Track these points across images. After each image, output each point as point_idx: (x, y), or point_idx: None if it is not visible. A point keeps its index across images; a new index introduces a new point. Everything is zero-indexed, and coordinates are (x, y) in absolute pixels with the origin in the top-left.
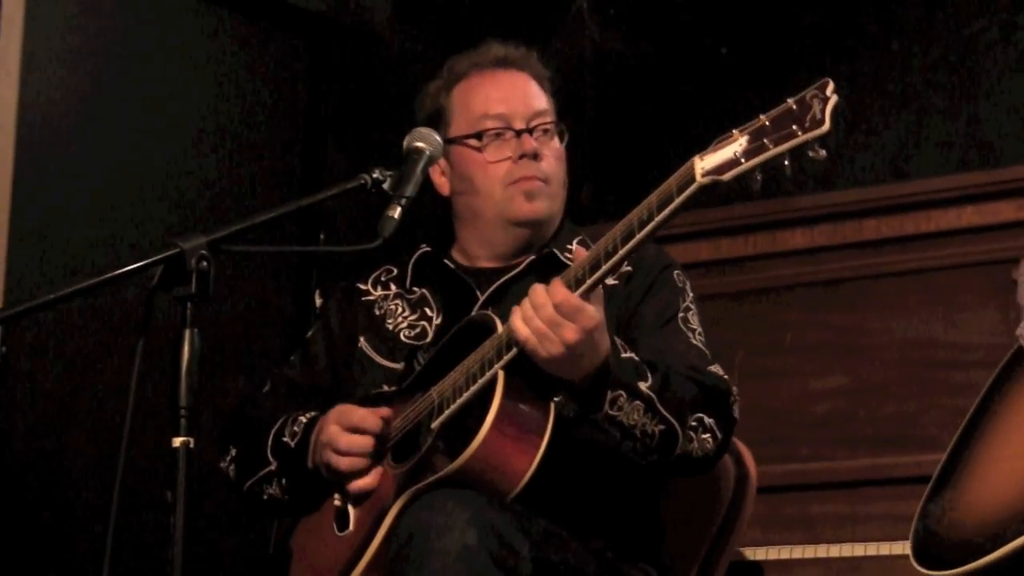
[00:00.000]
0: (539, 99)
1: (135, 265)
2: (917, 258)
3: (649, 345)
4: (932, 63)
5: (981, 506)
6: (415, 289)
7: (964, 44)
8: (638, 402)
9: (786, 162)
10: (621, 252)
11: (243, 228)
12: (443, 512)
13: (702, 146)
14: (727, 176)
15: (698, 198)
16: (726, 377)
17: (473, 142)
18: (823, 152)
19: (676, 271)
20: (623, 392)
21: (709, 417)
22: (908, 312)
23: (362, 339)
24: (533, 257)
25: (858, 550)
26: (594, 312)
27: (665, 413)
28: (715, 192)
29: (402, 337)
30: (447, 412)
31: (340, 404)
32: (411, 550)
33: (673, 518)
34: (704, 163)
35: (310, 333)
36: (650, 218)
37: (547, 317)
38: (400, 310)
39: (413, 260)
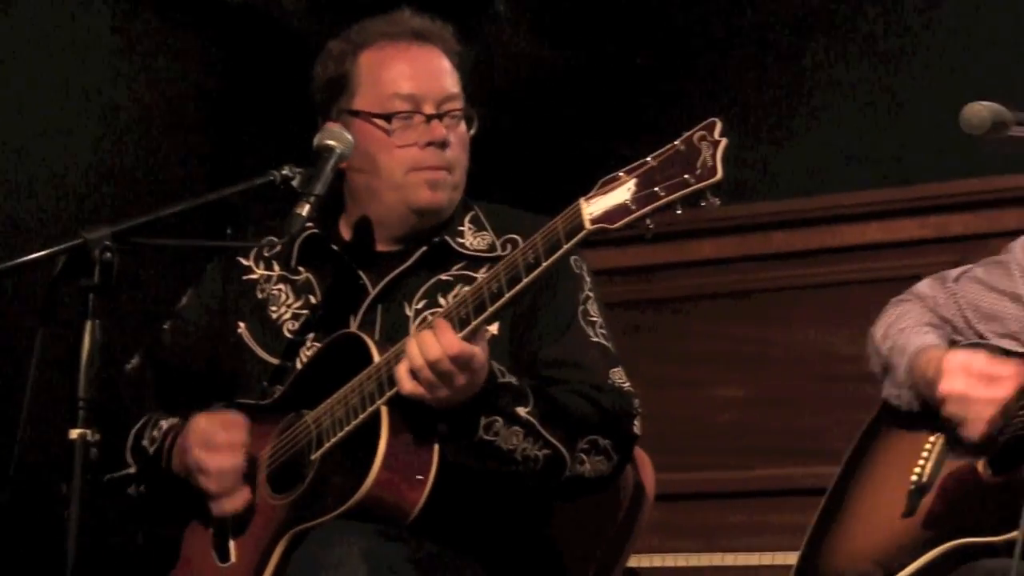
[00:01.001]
0: (451, 80)
1: (37, 255)
2: (822, 272)
3: (548, 356)
4: (844, 79)
5: (852, 555)
6: (300, 270)
7: (876, 62)
8: (516, 427)
9: (678, 210)
10: (507, 296)
11: (148, 220)
12: (334, 547)
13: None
14: (617, 224)
15: (587, 241)
16: (628, 386)
17: (382, 123)
18: (716, 201)
19: (574, 257)
20: (499, 418)
21: (605, 438)
22: (812, 325)
23: (243, 326)
24: (426, 248)
25: (754, 559)
26: (481, 353)
27: (549, 437)
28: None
29: (285, 331)
30: (327, 445)
31: (201, 417)
32: None
33: (568, 524)
34: (592, 208)
35: (184, 301)
36: (536, 263)
37: (443, 370)
38: (284, 297)
39: (300, 241)
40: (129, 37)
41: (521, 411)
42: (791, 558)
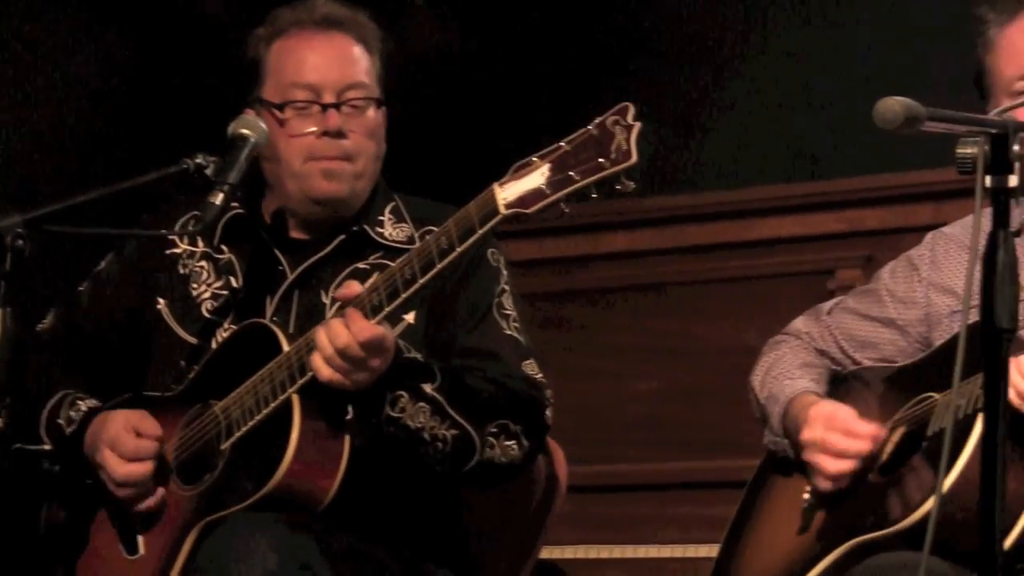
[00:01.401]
0: (357, 69)
1: None
2: (738, 266)
3: (462, 346)
4: (759, 73)
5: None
6: (224, 249)
7: (791, 55)
8: (423, 404)
9: (593, 194)
10: (420, 281)
11: (61, 208)
12: (243, 538)
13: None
14: (532, 209)
15: (506, 227)
16: (540, 377)
17: (276, 112)
18: (631, 184)
19: (491, 249)
20: (405, 393)
21: (515, 424)
22: (726, 319)
23: (162, 302)
24: (344, 236)
25: (666, 551)
26: (392, 337)
27: (457, 416)
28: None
29: (204, 311)
30: (237, 434)
31: (115, 419)
32: None
33: (480, 516)
34: (506, 193)
35: (103, 265)
36: (451, 248)
37: (353, 356)
38: (206, 275)
39: (224, 221)
40: (46, 28)
41: (427, 387)
42: (702, 551)
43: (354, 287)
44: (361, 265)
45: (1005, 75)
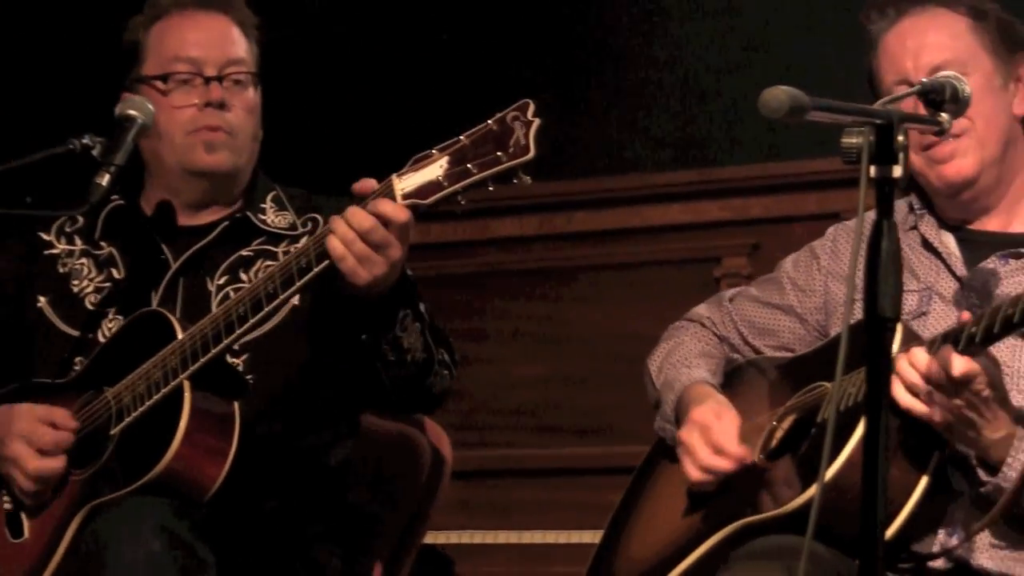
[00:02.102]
0: (237, 46)
1: None
2: (624, 252)
3: None
4: (648, 60)
5: (636, 563)
6: (103, 244)
7: (679, 43)
8: (418, 323)
9: (490, 187)
10: (316, 269)
11: None
12: (128, 521)
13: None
14: (429, 200)
15: None
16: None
17: (159, 84)
18: (527, 179)
19: None
20: (410, 311)
21: (448, 354)
22: (612, 305)
23: (43, 300)
24: (227, 223)
25: (551, 537)
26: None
27: (429, 339)
28: None
29: (87, 304)
30: (127, 420)
31: (24, 412)
32: (97, 561)
33: (365, 499)
34: (404, 184)
35: None
36: None
37: (377, 240)
38: (86, 271)
39: (104, 214)
40: None
41: (423, 305)
42: (585, 536)
43: (371, 182)
44: (245, 252)
45: (886, 81)
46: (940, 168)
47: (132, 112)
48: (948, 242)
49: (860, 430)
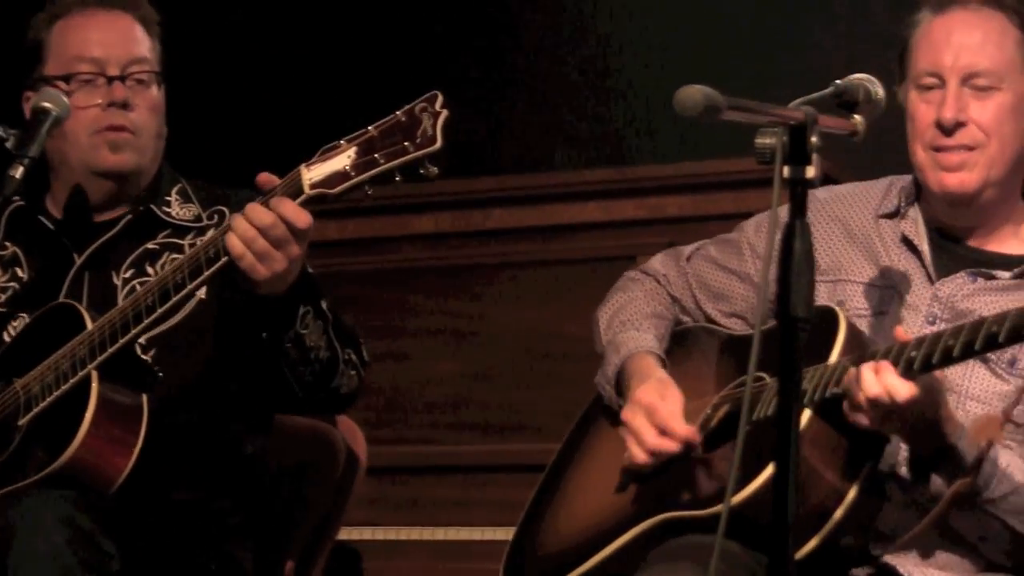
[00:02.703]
0: (140, 45)
1: None
2: (540, 250)
3: None
4: (566, 59)
5: (565, 535)
6: (7, 245)
7: (596, 42)
8: (320, 321)
9: (397, 177)
10: (224, 259)
11: None
12: (31, 513)
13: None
14: (337, 190)
15: (309, 207)
16: None
17: (62, 84)
18: (434, 169)
19: None
20: (311, 308)
21: (355, 354)
22: (528, 302)
23: None
24: (130, 217)
25: (465, 534)
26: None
27: (334, 339)
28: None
29: None
30: (35, 410)
31: None
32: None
33: (278, 495)
34: (312, 174)
35: None
36: None
37: (277, 237)
38: None
39: (6, 215)
40: None
41: (324, 303)
42: (500, 533)
43: (273, 176)
44: (150, 245)
45: (919, 65)
46: (944, 175)
47: (47, 104)
48: (925, 246)
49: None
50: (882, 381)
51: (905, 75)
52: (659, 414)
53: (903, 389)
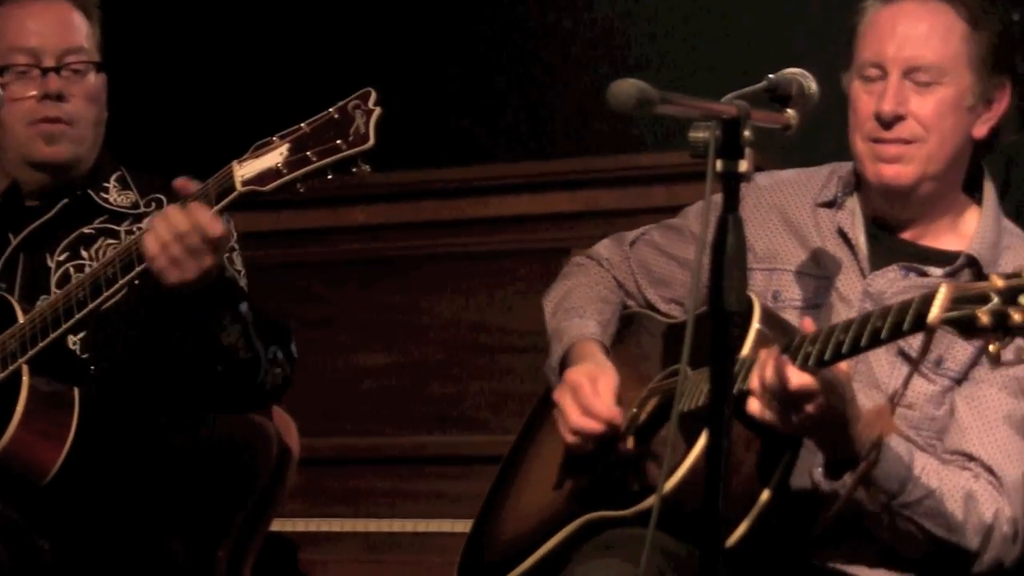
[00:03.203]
0: (77, 33)
1: None
2: (473, 242)
3: None
4: (499, 51)
5: (511, 532)
6: None
7: (530, 36)
8: (238, 324)
9: (329, 175)
10: None
11: None
12: None
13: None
14: (268, 187)
15: (241, 203)
16: None
17: None
18: (367, 168)
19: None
20: (228, 311)
21: (281, 350)
22: (461, 294)
23: None
24: (67, 200)
25: (396, 526)
26: (230, 234)
27: (255, 339)
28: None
29: None
30: None
31: None
32: None
33: (211, 486)
34: (244, 171)
35: None
36: None
37: (192, 245)
38: None
39: None
40: None
41: (243, 307)
42: (432, 525)
43: (188, 183)
44: (86, 230)
45: (863, 55)
46: (881, 166)
47: None
48: (861, 238)
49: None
50: (776, 370)
51: (850, 62)
52: (583, 393)
53: (793, 377)
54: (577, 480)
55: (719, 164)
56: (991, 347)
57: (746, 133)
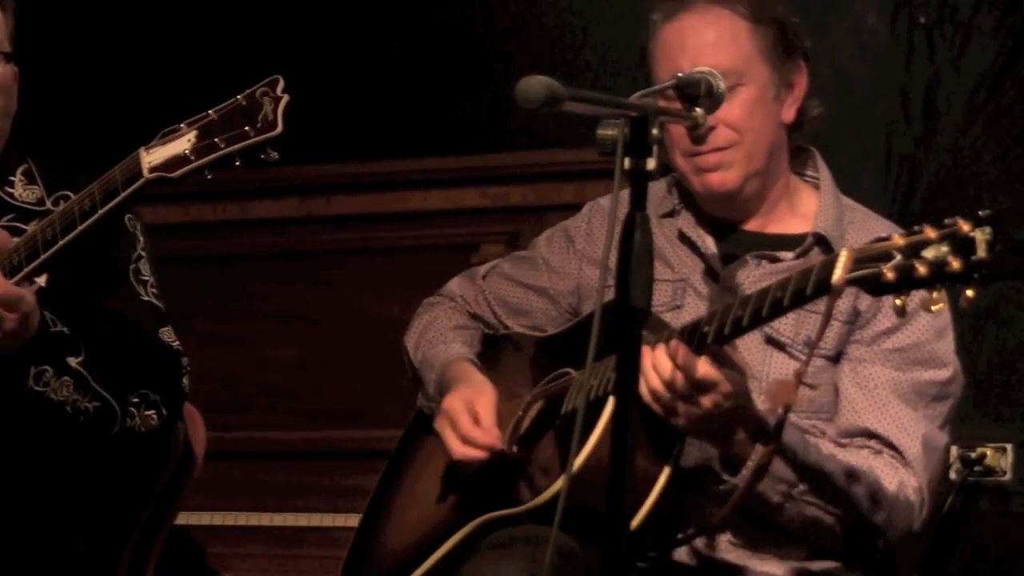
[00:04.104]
0: None
1: None
2: (383, 237)
3: (98, 312)
4: (411, 46)
5: (398, 541)
6: None
7: (442, 31)
8: (66, 378)
9: (237, 162)
10: (61, 243)
11: None
12: None
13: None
14: (176, 174)
15: (145, 191)
16: (177, 344)
17: None
18: (275, 154)
19: (128, 215)
20: (49, 367)
21: (155, 393)
22: (371, 289)
23: None
24: None
25: (302, 520)
26: (31, 298)
27: (100, 390)
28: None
29: None
30: None
31: None
32: None
33: (116, 482)
34: (151, 157)
35: None
36: (93, 210)
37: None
38: None
39: None
40: None
41: (72, 361)
42: (338, 520)
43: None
44: None
45: (660, 75)
46: (705, 176)
47: None
48: (705, 238)
49: (603, 423)
50: (679, 361)
51: (653, 82)
52: (462, 424)
53: (700, 368)
54: (465, 487)
55: (627, 162)
56: (897, 301)
57: (654, 131)
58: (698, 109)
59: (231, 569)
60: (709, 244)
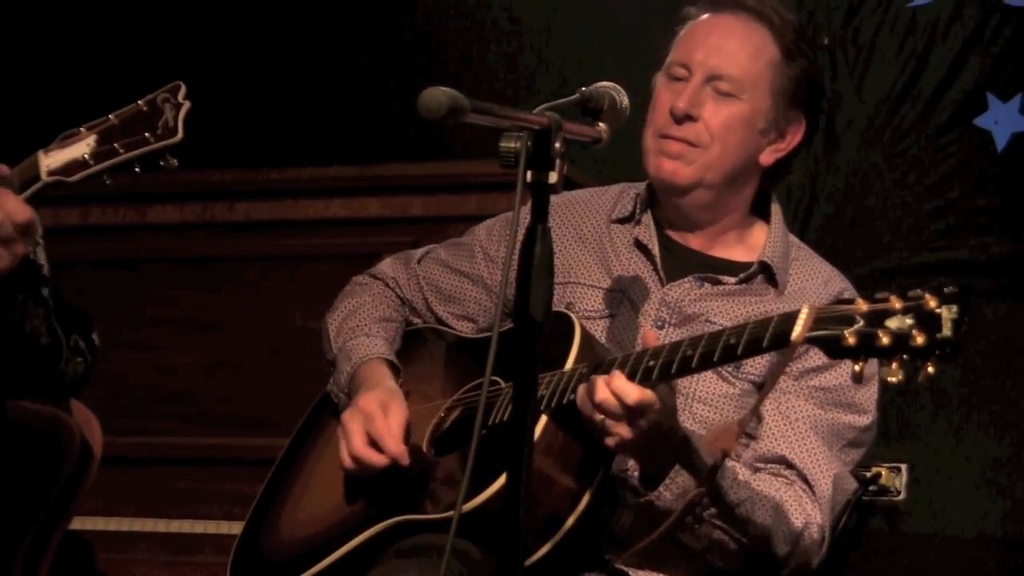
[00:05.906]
0: None
1: None
2: (285, 244)
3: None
4: (317, 53)
5: (294, 535)
6: None
7: (346, 40)
8: (40, 308)
9: (136, 168)
10: None
11: None
12: None
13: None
14: (74, 178)
15: (43, 194)
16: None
17: None
18: (174, 161)
19: None
20: (29, 295)
21: (82, 340)
22: (271, 297)
23: None
24: None
25: (199, 527)
26: (37, 219)
27: (57, 327)
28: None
29: None
30: None
31: None
32: None
33: (10, 483)
34: (50, 161)
35: None
36: None
37: (4, 234)
38: None
39: None
40: None
41: (45, 291)
42: (235, 527)
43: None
44: None
45: (674, 55)
46: (662, 160)
47: None
48: (656, 249)
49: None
50: (612, 386)
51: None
52: (375, 425)
53: (632, 392)
54: (377, 486)
55: (529, 175)
56: (856, 367)
57: (557, 145)
58: (601, 124)
59: (125, 575)
60: (659, 257)
